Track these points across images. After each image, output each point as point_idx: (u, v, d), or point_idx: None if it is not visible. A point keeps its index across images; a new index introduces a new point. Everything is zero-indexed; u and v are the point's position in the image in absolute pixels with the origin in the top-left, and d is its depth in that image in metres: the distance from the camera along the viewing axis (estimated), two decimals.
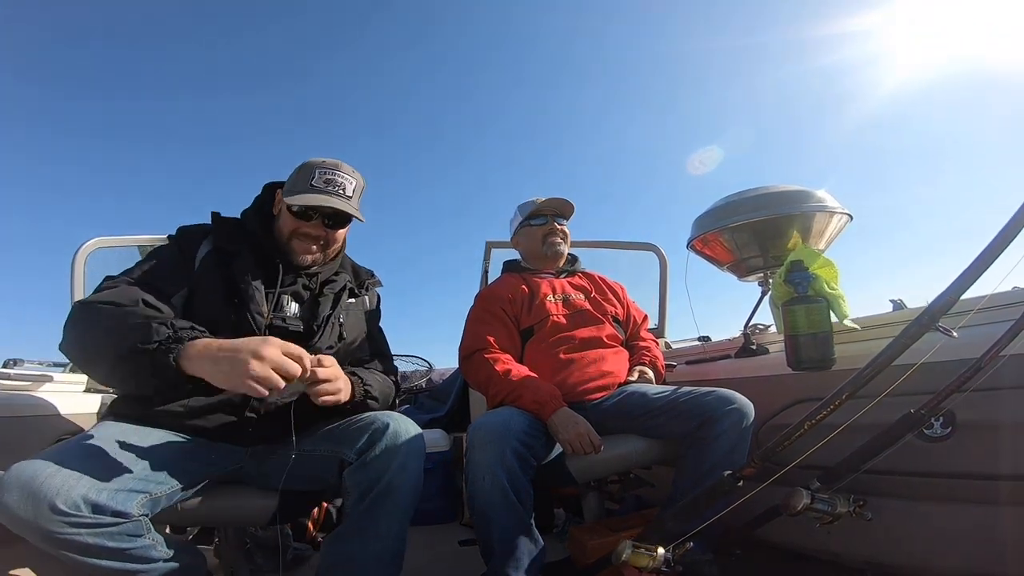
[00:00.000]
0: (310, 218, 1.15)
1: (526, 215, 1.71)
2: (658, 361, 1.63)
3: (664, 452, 1.38)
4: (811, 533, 1.10)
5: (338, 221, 1.19)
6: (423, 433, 1.09)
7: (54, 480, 0.75)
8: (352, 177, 1.17)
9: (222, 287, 1.07)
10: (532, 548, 1.17)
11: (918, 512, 1.17)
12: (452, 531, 2.10)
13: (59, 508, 0.73)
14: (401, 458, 1.00)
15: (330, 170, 1.15)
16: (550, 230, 1.68)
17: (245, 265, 1.10)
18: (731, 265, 1.86)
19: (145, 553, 0.82)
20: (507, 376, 1.37)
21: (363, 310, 1.29)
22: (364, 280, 1.31)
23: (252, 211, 1.22)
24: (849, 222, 1.71)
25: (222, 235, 1.14)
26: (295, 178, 1.17)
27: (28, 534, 0.74)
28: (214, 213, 1.19)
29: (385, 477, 0.98)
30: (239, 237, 1.15)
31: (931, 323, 0.87)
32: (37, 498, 0.73)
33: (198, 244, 1.11)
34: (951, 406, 0.90)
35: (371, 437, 1.02)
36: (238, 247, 1.12)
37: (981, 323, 1.04)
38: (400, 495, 0.99)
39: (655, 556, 0.95)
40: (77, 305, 0.95)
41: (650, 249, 2.44)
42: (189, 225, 1.17)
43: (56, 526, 0.73)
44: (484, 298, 1.62)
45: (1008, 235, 0.83)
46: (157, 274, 1.04)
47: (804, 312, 1.32)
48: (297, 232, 1.15)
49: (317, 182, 1.13)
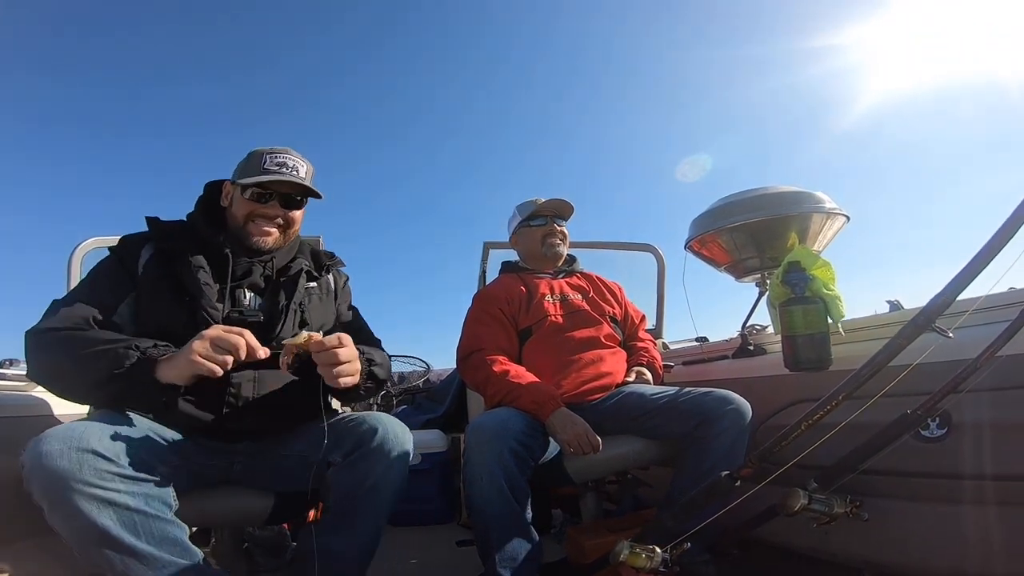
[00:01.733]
0: (267, 200, 1.13)
1: (525, 215, 1.70)
2: (656, 362, 1.64)
3: (662, 452, 1.39)
4: (808, 533, 1.10)
5: (294, 202, 1.17)
6: (417, 433, 1.10)
7: (92, 431, 0.79)
8: (303, 162, 1.16)
9: (169, 287, 1.05)
10: (530, 548, 1.17)
11: (914, 512, 1.17)
12: (450, 531, 2.09)
13: (101, 453, 0.76)
14: (387, 461, 1.01)
15: (280, 154, 1.14)
16: (549, 231, 1.68)
17: (191, 262, 1.06)
18: (729, 266, 1.86)
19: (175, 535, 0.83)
20: (505, 377, 1.37)
21: (328, 293, 1.26)
22: (323, 262, 1.28)
23: (197, 210, 1.19)
24: (846, 223, 1.71)
25: (162, 236, 1.10)
26: (245, 166, 1.15)
27: (66, 488, 0.73)
28: (149, 218, 1.14)
29: (368, 481, 1.00)
30: (183, 236, 1.12)
31: (927, 324, 0.88)
32: (80, 444, 0.75)
33: (139, 250, 1.09)
34: (947, 407, 0.90)
35: (359, 440, 1.02)
36: (181, 245, 1.09)
37: (977, 324, 1.04)
38: (382, 497, 1.02)
39: (653, 556, 0.95)
40: (31, 336, 0.96)
41: (648, 250, 2.44)
42: (130, 234, 1.14)
43: (97, 476, 0.75)
44: (482, 299, 1.62)
45: (1004, 236, 0.84)
46: (98, 287, 1.04)
47: (801, 313, 1.33)
48: (253, 215, 1.13)
49: (269, 165, 1.11)
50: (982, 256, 0.85)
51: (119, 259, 1.09)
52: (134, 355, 0.87)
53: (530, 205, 1.71)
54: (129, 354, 0.87)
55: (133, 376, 0.86)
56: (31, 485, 0.76)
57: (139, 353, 0.88)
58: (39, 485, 0.74)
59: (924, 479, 1.16)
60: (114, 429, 0.84)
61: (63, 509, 0.74)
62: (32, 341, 0.96)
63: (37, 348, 0.95)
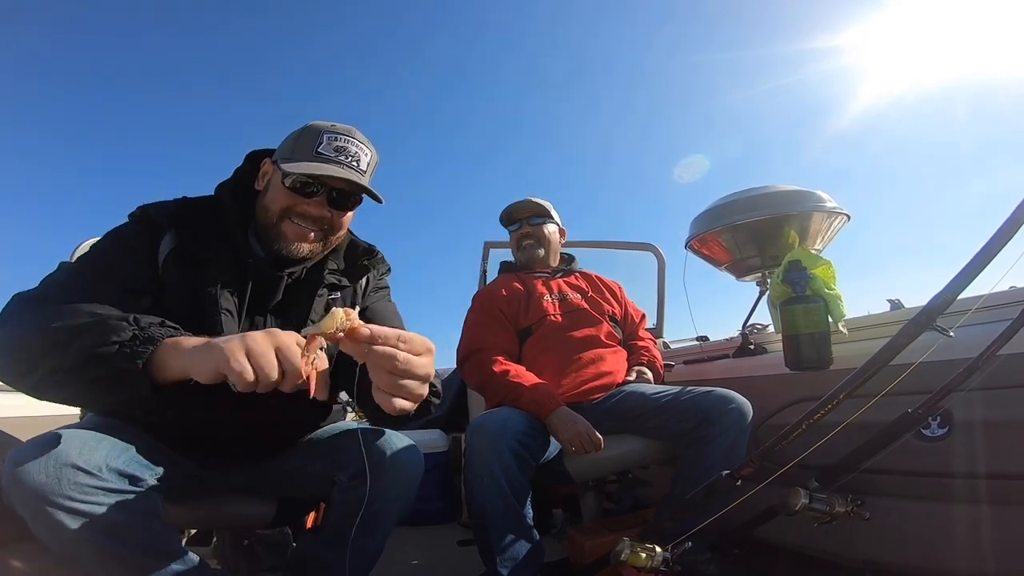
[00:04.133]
0: (312, 193, 0.89)
1: (503, 221, 1.74)
2: (656, 361, 1.63)
3: (662, 452, 1.39)
4: (809, 532, 1.10)
5: (347, 201, 0.93)
6: (417, 433, 1.07)
7: (72, 443, 0.69)
8: (367, 148, 0.93)
9: (186, 302, 0.84)
10: (530, 548, 1.18)
11: (916, 511, 1.17)
12: (451, 531, 2.09)
13: (80, 467, 0.67)
14: (396, 489, 0.94)
15: (342, 136, 0.90)
16: (523, 234, 1.68)
17: (214, 275, 0.87)
18: (729, 265, 1.86)
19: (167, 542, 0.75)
20: (505, 376, 1.37)
21: (354, 302, 1.02)
22: (360, 261, 1.04)
23: (229, 187, 0.95)
24: (847, 222, 1.71)
25: (187, 232, 0.88)
26: (294, 143, 0.91)
27: (45, 503, 0.66)
28: (180, 201, 0.93)
29: (375, 506, 0.92)
30: (211, 233, 0.90)
31: (928, 322, 0.88)
32: (58, 458, 0.67)
33: (161, 236, 0.87)
34: (948, 406, 0.90)
35: (369, 461, 0.90)
36: (210, 251, 0.88)
37: (978, 323, 1.04)
38: (386, 520, 0.96)
39: (653, 556, 0.95)
40: (14, 299, 0.77)
41: (648, 249, 2.44)
42: (151, 205, 0.90)
43: (77, 490, 0.66)
44: (481, 299, 1.62)
45: (1005, 235, 0.84)
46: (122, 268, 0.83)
47: (802, 312, 1.33)
48: (292, 211, 0.89)
49: (325, 149, 0.88)
50: (983, 255, 0.85)
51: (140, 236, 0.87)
52: (128, 330, 0.66)
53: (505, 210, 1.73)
54: (121, 328, 0.66)
55: (117, 363, 0.64)
56: (11, 498, 0.69)
57: (135, 328, 0.66)
58: (18, 499, 0.68)
59: (925, 478, 1.16)
60: (97, 438, 0.73)
61: (45, 523, 0.67)
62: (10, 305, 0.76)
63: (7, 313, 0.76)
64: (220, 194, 0.95)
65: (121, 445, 0.76)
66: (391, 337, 0.60)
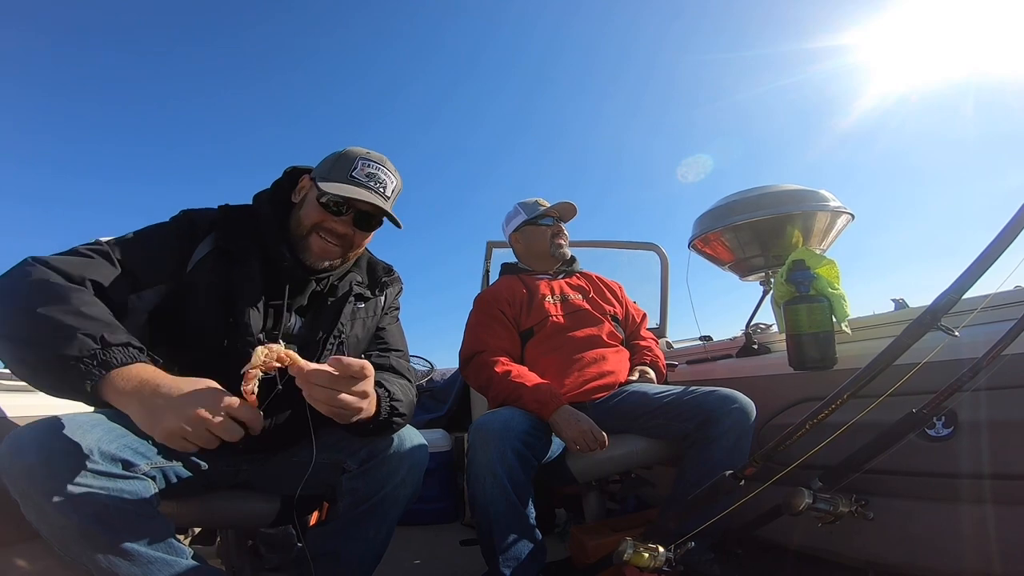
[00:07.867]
0: (340, 213, 1.00)
1: (533, 215, 1.71)
2: (659, 360, 1.63)
3: (665, 452, 1.38)
4: (813, 533, 1.10)
5: (370, 223, 1.04)
6: (426, 438, 1.08)
7: (66, 427, 0.72)
8: (394, 176, 1.05)
9: (218, 297, 0.93)
10: (533, 548, 1.18)
11: (920, 512, 1.16)
12: (454, 531, 2.10)
13: (71, 449, 0.69)
14: (403, 473, 0.98)
15: (375, 164, 1.01)
16: (558, 231, 1.71)
17: (249, 273, 0.96)
18: (732, 265, 1.85)
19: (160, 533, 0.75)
20: (507, 377, 1.37)
21: (374, 315, 1.13)
22: (380, 278, 1.15)
23: (267, 198, 1.06)
24: (851, 221, 1.70)
25: (228, 234, 0.98)
26: (331, 165, 1.01)
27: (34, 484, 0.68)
28: (223, 207, 1.04)
29: (383, 490, 0.97)
30: (247, 236, 1.00)
31: (933, 322, 0.87)
32: (50, 440, 0.69)
33: (200, 239, 0.97)
34: (953, 406, 0.90)
35: (374, 447, 0.98)
36: (244, 252, 0.98)
37: (983, 322, 1.04)
38: (394, 506, 1.00)
39: (656, 556, 0.95)
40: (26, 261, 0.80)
41: (651, 249, 2.44)
42: (194, 211, 1.01)
43: (67, 472, 0.68)
44: (483, 301, 1.62)
45: (1010, 235, 0.83)
46: (144, 254, 0.90)
47: (806, 311, 1.32)
48: (321, 226, 1.00)
49: (358, 174, 0.99)
50: (988, 254, 0.85)
51: (177, 239, 0.95)
52: (90, 346, 0.70)
53: (536, 206, 1.72)
54: (84, 344, 0.70)
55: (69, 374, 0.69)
56: (4, 481, 0.70)
57: (97, 347, 0.70)
58: (10, 481, 0.70)
59: (930, 478, 1.15)
60: (93, 423, 0.76)
61: (33, 504, 0.69)
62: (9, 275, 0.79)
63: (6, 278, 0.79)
64: (258, 203, 1.05)
65: (118, 430, 0.78)
66: (321, 373, 0.74)
